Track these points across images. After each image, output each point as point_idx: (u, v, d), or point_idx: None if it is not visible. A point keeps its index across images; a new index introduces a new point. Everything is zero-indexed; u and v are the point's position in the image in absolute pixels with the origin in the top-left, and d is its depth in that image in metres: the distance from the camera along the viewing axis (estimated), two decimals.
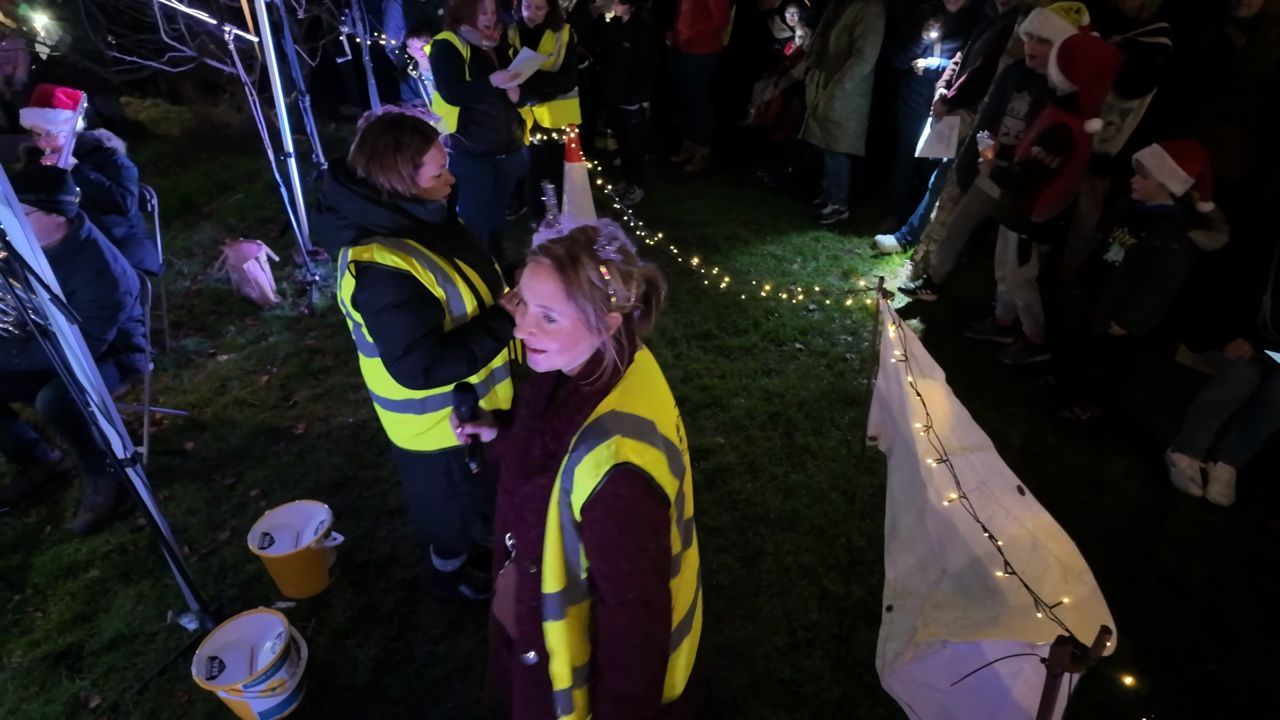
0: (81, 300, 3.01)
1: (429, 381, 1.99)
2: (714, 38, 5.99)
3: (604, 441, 1.28)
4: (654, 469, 1.31)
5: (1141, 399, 3.71)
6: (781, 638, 2.59)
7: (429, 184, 1.98)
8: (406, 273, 1.92)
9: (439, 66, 3.97)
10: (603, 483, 1.27)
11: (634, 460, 1.28)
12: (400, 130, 1.92)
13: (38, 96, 3.62)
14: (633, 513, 1.30)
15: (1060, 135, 3.37)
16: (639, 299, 1.36)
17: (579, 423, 1.33)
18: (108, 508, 3.14)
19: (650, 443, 1.32)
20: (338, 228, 1.96)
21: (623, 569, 1.33)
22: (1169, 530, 3.05)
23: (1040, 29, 3.53)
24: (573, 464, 1.31)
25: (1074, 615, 1.46)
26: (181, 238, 5.41)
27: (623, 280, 1.31)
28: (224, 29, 4.33)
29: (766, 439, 3.46)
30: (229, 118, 7.31)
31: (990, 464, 1.88)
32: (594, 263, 1.28)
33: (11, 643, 2.66)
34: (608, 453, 1.28)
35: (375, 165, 1.92)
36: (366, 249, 1.92)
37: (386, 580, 2.84)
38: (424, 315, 1.95)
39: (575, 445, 1.32)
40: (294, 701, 2.41)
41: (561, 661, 1.41)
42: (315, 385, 3.93)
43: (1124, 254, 3.20)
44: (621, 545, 1.31)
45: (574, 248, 1.29)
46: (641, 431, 1.32)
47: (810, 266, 5.01)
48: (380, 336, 1.97)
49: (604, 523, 1.30)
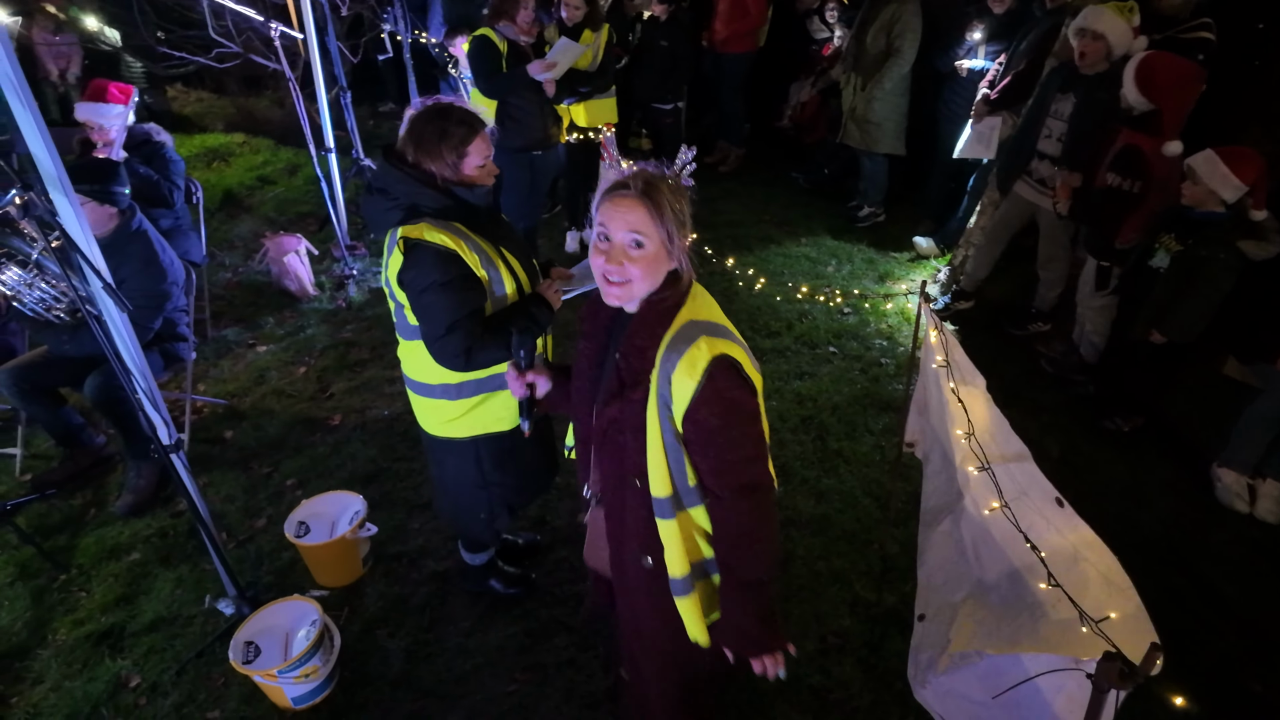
0: (130, 289, 3.09)
1: (469, 363, 2.02)
2: (750, 37, 5.96)
3: (692, 344, 1.40)
4: (742, 359, 1.44)
5: (1185, 410, 3.62)
6: (811, 643, 2.57)
7: (473, 173, 2.02)
8: (453, 252, 1.95)
9: (476, 60, 4.01)
10: (703, 381, 1.38)
11: (725, 352, 1.41)
12: (446, 119, 1.96)
13: (91, 91, 3.71)
14: (734, 404, 1.42)
15: (1133, 158, 3.24)
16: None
17: (660, 336, 1.44)
18: (150, 492, 3.21)
19: (731, 339, 1.45)
20: (386, 209, 2.00)
21: (730, 459, 1.45)
22: (1212, 546, 2.97)
23: (1093, 24, 3.41)
24: (666, 373, 1.42)
25: (1119, 631, 1.43)
26: (223, 230, 5.52)
27: (689, 205, 1.46)
28: (270, 25, 4.41)
29: (798, 442, 3.44)
30: (272, 112, 7.44)
31: (1030, 474, 1.84)
32: (670, 191, 1.42)
33: (57, 621, 2.73)
34: (699, 352, 1.39)
35: (421, 153, 1.96)
36: (416, 228, 1.96)
37: (418, 572, 2.87)
38: (468, 295, 1.99)
39: (663, 358, 1.43)
40: (326, 689, 2.44)
41: (677, 554, 1.55)
42: (351, 377, 3.99)
43: (1169, 261, 3.12)
44: (729, 438, 1.43)
45: (652, 179, 1.42)
46: (722, 331, 1.45)
47: (845, 269, 4.96)
48: (424, 315, 2.01)
49: (709, 420, 1.41)
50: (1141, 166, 3.23)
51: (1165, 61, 3.23)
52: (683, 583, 1.58)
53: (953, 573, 2.04)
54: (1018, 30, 4.30)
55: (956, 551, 2.03)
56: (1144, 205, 3.29)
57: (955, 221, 4.96)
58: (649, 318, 1.47)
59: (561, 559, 2.90)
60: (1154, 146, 3.21)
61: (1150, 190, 3.26)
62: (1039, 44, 4.06)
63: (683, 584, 1.58)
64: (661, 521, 1.54)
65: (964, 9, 4.70)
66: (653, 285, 1.47)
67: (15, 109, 1.94)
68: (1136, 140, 3.25)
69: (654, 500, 1.53)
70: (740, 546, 1.51)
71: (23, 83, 1.93)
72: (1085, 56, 3.49)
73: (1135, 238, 3.37)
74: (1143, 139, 3.24)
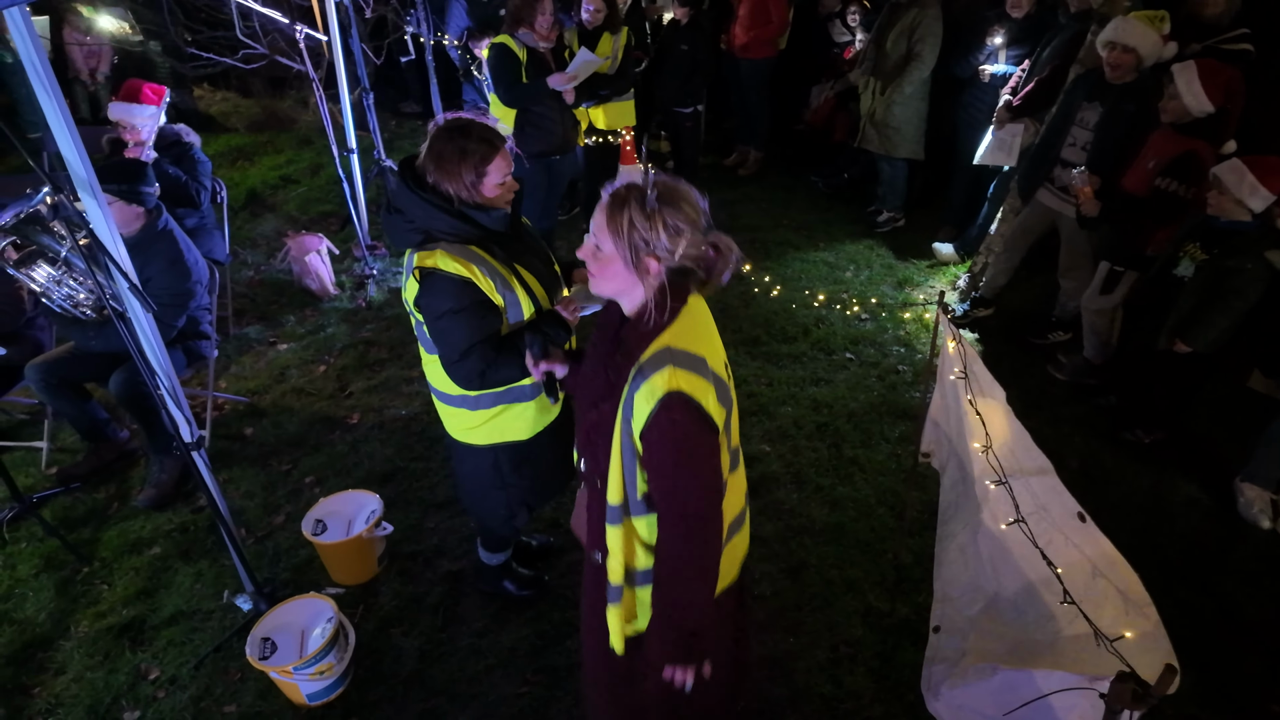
0: (155, 288, 3.14)
1: (484, 383, 2.05)
2: (771, 43, 5.94)
3: (657, 371, 1.45)
4: (702, 397, 1.46)
5: (1209, 424, 3.57)
6: (823, 652, 2.56)
7: (493, 192, 2.01)
8: (468, 280, 1.96)
9: (496, 70, 4.03)
10: (657, 408, 1.43)
11: (684, 388, 1.44)
12: (466, 138, 1.95)
13: (125, 91, 3.77)
14: (685, 435, 1.45)
15: (1190, 163, 3.18)
16: (690, 258, 1.48)
17: (636, 357, 1.49)
18: (171, 487, 3.27)
19: (699, 374, 1.47)
20: (405, 230, 2.01)
21: (678, 487, 1.49)
22: (1234, 563, 2.92)
23: (1124, 37, 3.37)
24: (631, 393, 1.48)
25: (1135, 649, 1.42)
26: (246, 228, 5.60)
27: (666, 232, 1.44)
28: (295, 27, 4.46)
29: (813, 449, 3.42)
30: (295, 112, 7.53)
31: (1051, 488, 1.83)
32: (640, 209, 1.43)
33: (79, 613, 2.79)
34: (661, 381, 1.44)
35: (441, 172, 1.96)
36: (431, 255, 1.97)
37: (433, 572, 2.90)
38: (482, 321, 2.00)
39: (633, 377, 1.48)
40: (340, 686, 2.47)
41: (616, 560, 1.64)
42: (370, 377, 4.03)
43: (1193, 270, 3.08)
44: (677, 465, 1.48)
45: (630, 192, 1.45)
46: (691, 364, 1.47)
47: (863, 275, 4.93)
48: (440, 340, 2.03)
49: (660, 445, 1.47)
50: (1200, 172, 3.16)
51: (1230, 70, 3.18)
52: (616, 590, 1.67)
53: (969, 586, 2.03)
54: (1039, 36, 4.25)
55: (973, 565, 2.02)
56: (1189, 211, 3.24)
57: (975, 228, 4.92)
58: (630, 337, 1.53)
59: (575, 562, 2.91)
60: (1209, 153, 3.16)
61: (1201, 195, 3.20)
62: (1063, 50, 4.01)
63: (616, 591, 1.67)
64: (609, 526, 1.63)
65: (984, 14, 4.66)
66: (619, 292, 1.53)
67: (46, 108, 1.98)
68: (1194, 146, 3.19)
69: (607, 506, 1.61)
70: (674, 566, 1.56)
71: (53, 82, 1.96)
72: (1116, 69, 3.45)
73: (1166, 246, 3.33)
74: (1199, 144, 3.18)
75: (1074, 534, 1.74)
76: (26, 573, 2.95)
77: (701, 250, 1.49)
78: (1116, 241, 3.52)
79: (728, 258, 1.52)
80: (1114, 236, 3.53)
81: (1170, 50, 3.39)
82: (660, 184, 1.46)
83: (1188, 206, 3.21)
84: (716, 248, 1.51)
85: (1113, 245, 3.56)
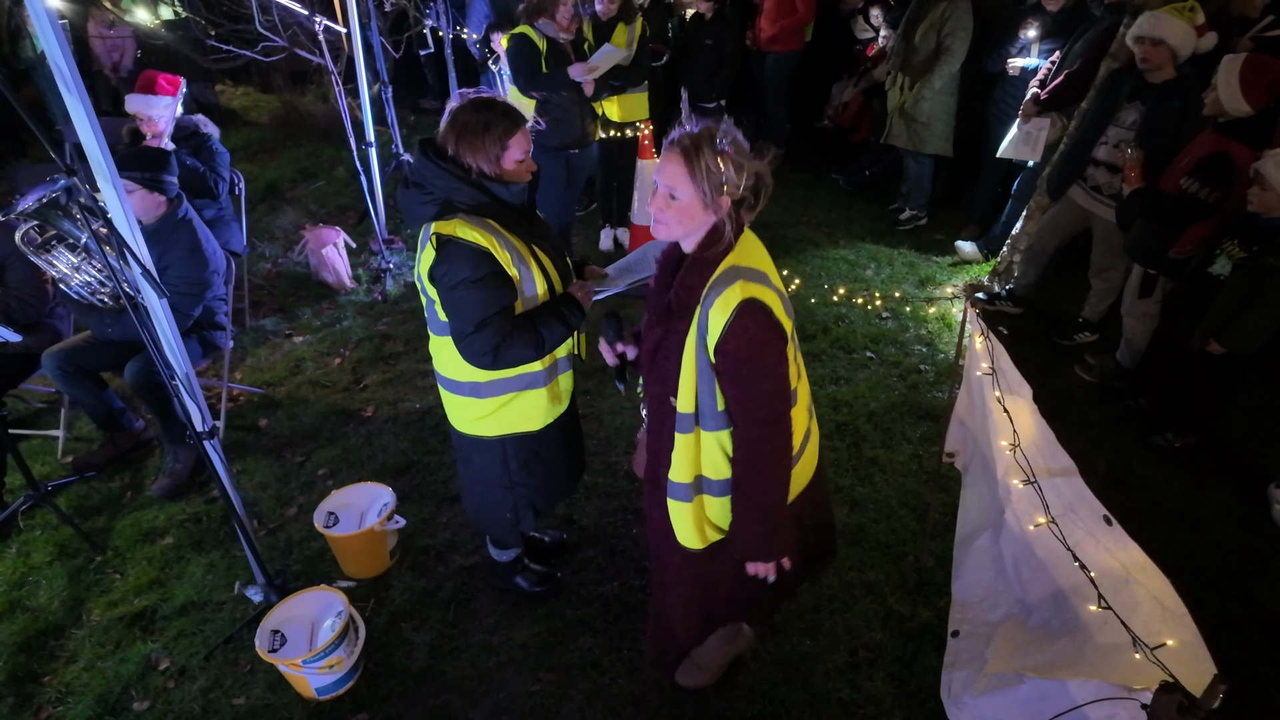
0: (173, 276, 3.14)
1: (497, 361, 2.00)
2: (797, 34, 5.88)
3: (729, 286, 1.60)
4: (772, 303, 1.62)
5: (1244, 429, 3.46)
6: (842, 656, 2.50)
7: (513, 167, 2.00)
8: (485, 250, 1.93)
9: (516, 60, 4.00)
10: (732, 317, 1.58)
11: (756, 295, 1.60)
12: (490, 111, 1.95)
13: (142, 83, 3.79)
14: (759, 342, 1.61)
15: (1220, 166, 3.03)
16: (748, 189, 1.62)
17: (706, 277, 1.64)
18: (185, 476, 3.26)
19: (766, 285, 1.64)
20: (422, 203, 1.98)
21: (752, 391, 1.64)
22: (1271, 572, 2.82)
23: (1153, 30, 3.27)
24: (706, 309, 1.62)
25: (1174, 659, 1.35)
26: (265, 221, 5.61)
27: (735, 169, 1.58)
28: (314, 19, 4.46)
29: (833, 449, 3.35)
30: (315, 107, 7.55)
31: (1077, 490, 1.76)
32: (713, 153, 1.56)
33: (92, 601, 2.78)
34: (734, 294, 1.59)
35: (464, 144, 1.94)
36: (450, 224, 1.94)
37: (445, 566, 2.86)
38: (498, 293, 1.96)
39: (706, 295, 1.63)
40: (350, 680, 2.44)
41: (682, 463, 1.79)
42: (385, 370, 4.01)
43: (1231, 268, 2.98)
44: (752, 370, 1.62)
45: (699, 140, 1.57)
46: (758, 278, 1.63)
47: (885, 273, 4.85)
48: (454, 311, 1.99)
49: (735, 353, 1.61)
50: (1229, 176, 3.02)
51: (1269, 63, 3.00)
52: (682, 488, 1.81)
53: (990, 590, 1.96)
54: (1073, 29, 4.15)
55: (995, 568, 1.95)
56: (1214, 217, 3.11)
57: (999, 226, 4.82)
58: (698, 262, 1.66)
59: (589, 559, 2.86)
60: (1245, 157, 2.97)
61: (1227, 201, 3.06)
62: (1096, 43, 3.91)
63: (682, 489, 1.81)
64: (679, 435, 1.76)
65: (1017, 7, 4.56)
66: (689, 233, 1.67)
67: (67, 99, 1.97)
68: (1228, 147, 3.04)
69: (678, 415, 1.74)
70: (753, 470, 1.72)
71: (75, 74, 1.95)
72: (1148, 62, 3.34)
73: (1191, 249, 3.22)
74: (1235, 146, 3.03)
75: (1102, 537, 1.66)
76: (40, 560, 2.95)
77: (755, 180, 1.63)
78: (1145, 240, 3.42)
79: (769, 184, 1.67)
80: (1143, 236, 3.42)
81: (1209, 41, 3.28)
82: (715, 129, 1.60)
83: (1210, 211, 3.07)
84: (759, 175, 1.64)
85: (1141, 244, 3.45)
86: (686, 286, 1.67)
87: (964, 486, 2.31)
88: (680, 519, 1.86)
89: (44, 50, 1.91)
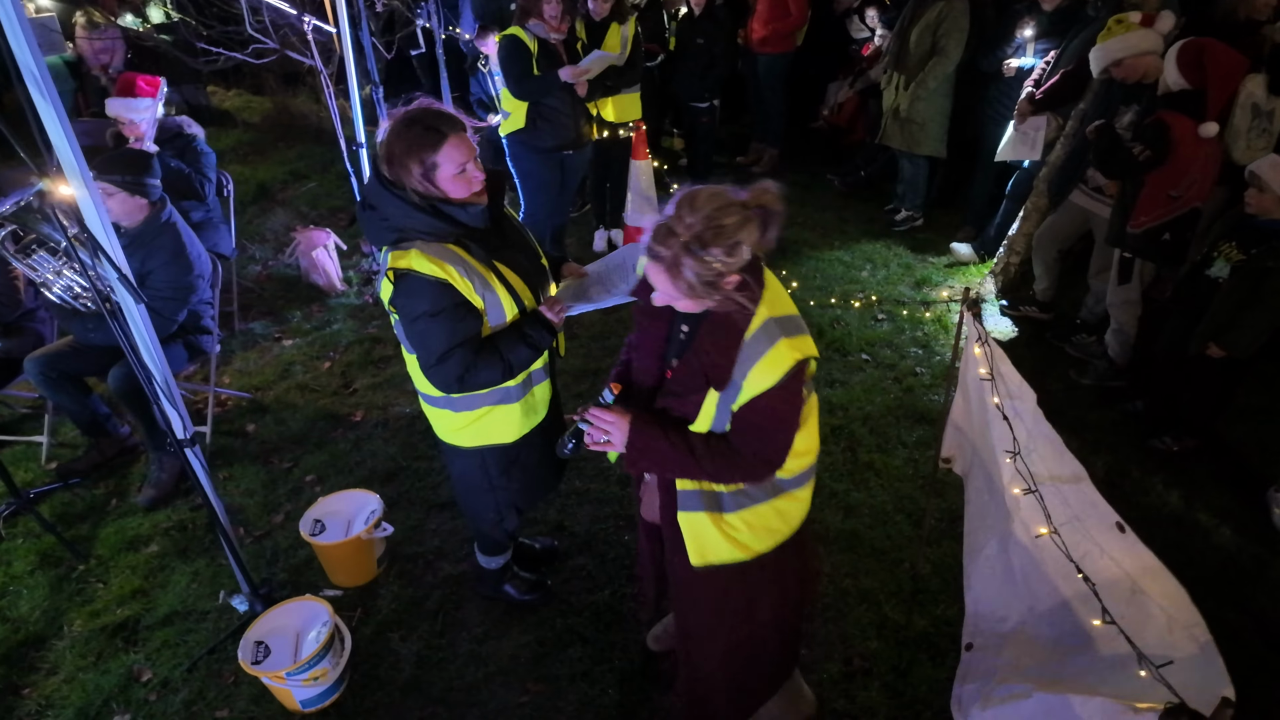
0: (157, 281, 3.08)
1: (463, 387, 1.95)
2: (789, 37, 5.84)
3: (773, 345, 1.48)
4: (813, 350, 1.54)
5: (1243, 433, 3.42)
6: (836, 665, 2.45)
7: (451, 185, 1.86)
8: (444, 282, 1.85)
9: (507, 62, 3.95)
10: (782, 380, 1.48)
11: (805, 352, 1.51)
12: (412, 129, 1.81)
13: (121, 86, 3.74)
14: (791, 401, 1.53)
15: (1155, 131, 3.15)
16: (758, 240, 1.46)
17: (739, 338, 1.50)
18: (171, 484, 3.20)
19: (803, 332, 1.54)
20: (380, 227, 1.91)
21: (767, 440, 1.57)
22: (1270, 578, 2.78)
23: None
24: (743, 370, 1.50)
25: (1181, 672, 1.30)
26: (256, 223, 5.55)
27: (727, 253, 1.42)
28: (303, 19, 4.41)
29: (827, 453, 3.31)
30: (307, 108, 7.50)
31: (1086, 497, 1.72)
32: (696, 260, 1.41)
33: (73, 611, 2.73)
34: (781, 355, 1.48)
35: (395, 169, 1.84)
36: (405, 255, 1.86)
37: (433, 574, 2.81)
38: (460, 324, 1.90)
39: (743, 353, 1.50)
40: (335, 692, 2.39)
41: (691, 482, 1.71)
42: (375, 374, 3.96)
43: (1229, 271, 2.94)
44: (777, 424, 1.55)
45: (678, 254, 1.41)
46: (796, 327, 1.53)
47: (880, 274, 4.81)
48: (416, 342, 1.94)
49: (767, 410, 1.52)
50: (1162, 141, 3.14)
51: (1216, 46, 3.13)
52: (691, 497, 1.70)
53: (1000, 600, 1.92)
54: (1069, 28, 4.11)
55: (1005, 578, 1.91)
56: (1152, 184, 3.22)
57: (994, 227, 4.78)
58: (724, 324, 1.52)
59: (579, 567, 2.82)
60: (1185, 127, 3.12)
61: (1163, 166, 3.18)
62: (1091, 43, 3.87)
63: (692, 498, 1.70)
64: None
65: (1012, 7, 4.52)
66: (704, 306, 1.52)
67: (36, 99, 1.92)
68: (1168, 118, 3.17)
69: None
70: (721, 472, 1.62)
71: (45, 73, 1.90)
72: (1129, 78, 3.43)
73: (1147, 222, 3.28)
74: (1175, 117, 3.15)
75: (1111, 546, 1.62)
76: (22, 570, 2.89)
77: (756, 233, 1.46)
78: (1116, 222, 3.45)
79: (776, 209, 1.47)
80: (1114, 218, 3.46)
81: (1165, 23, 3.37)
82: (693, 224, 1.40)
83: (1138, 168, 3.21)
84: (765, 209, 1.46)
85: (1111, 225, 3.49)
86: (720, 351, 1.52)
87: (967, 496, 2.27)
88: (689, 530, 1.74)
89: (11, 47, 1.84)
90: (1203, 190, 3.21)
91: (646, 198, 4.70)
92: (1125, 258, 3.46)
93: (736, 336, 1.51)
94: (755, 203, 1.45)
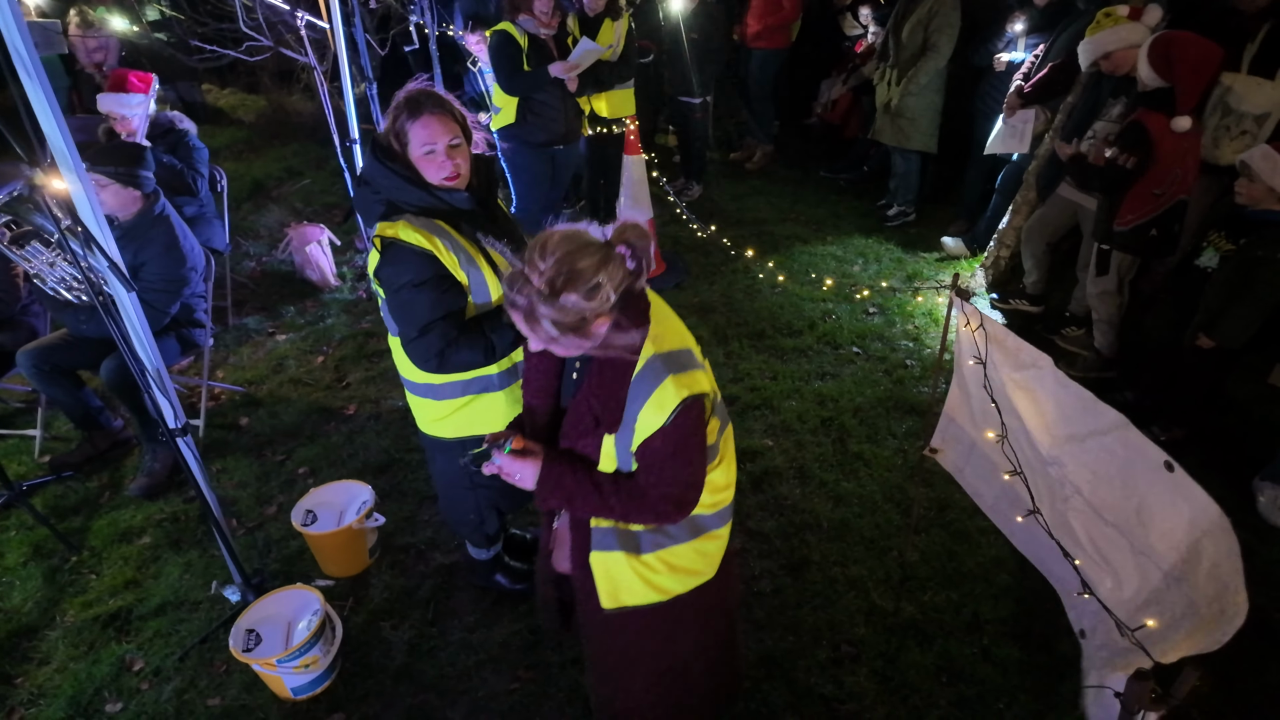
0: (150, 273, 3.10)
1: (443, 365, 1.96)
2: (783, 32, 5.86)
3: (659, 384, 1.42)
4: (704, 386, 1.47)
5: (1231, 422, 3.44)
6: (824, 651, 2.47)
7: (418, 160, 1.91)
8: (429, 252, 1.89)
9: (497, 57, 3.96)
10: (670, 419, 1.42)
11: (692, 390, 1.43)
12: (402, 99, 1.91)
13: (113, 82, 3.74)
14: (687, 438, 1.47)
15: (1135, 133, 3.17)
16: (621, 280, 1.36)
17: (626, 379, 1.44)
18: (164, 476, 3.22)
19: (695, 367, 1.48)
20: (372, 202, 1.96)
21: (667, 476, 1.49)
22: (1257, 566, 2.80)
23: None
24: (633, 415, 1.44)
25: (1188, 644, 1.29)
26: (250, 219, 5.56)
27: (587, 300, 1.33)
28: (296, 15, 4.41)
29: (818, 444, 3.33)
30: (302, 105, 7.51)
31: (1130, 443, 1.66)
32: (552, 309, 1.33)
33: (66, 602, 2.74)
34: (668, 393, 1.42)
35: (386, 135, 1.93)
36: (393, 225, 1.91)
37: (425, 564, 2.83)
38: (443, 297, 1.92)
39: (631, 393, 1.44)
40: (327, 679, 2.40)
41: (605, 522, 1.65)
42: (369, 368, 3.97)
43: (1219, 261, 2.97)
44: (677, 461, 1.48)
45: (532, 301, 1.34)
46: (685, 361, 1.47)
47: (872, 269, 4.83)
48: (399, 314, 1.95)
49: (663, 449, 1.46)
50: (1143, 142, 3.16)
51: (1183, 39, 3.15)
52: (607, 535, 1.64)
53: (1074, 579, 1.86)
54: (1059, 22, 4.14)
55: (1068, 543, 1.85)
56: (1142, 184, 3.23)
57: (984, 221, 4.81)
58: (610, 365, 1.46)
59: None
60: (1162, 124, 3.15)
61: (1150, 168, 3.19)
62: (1080, 36, 3.89)
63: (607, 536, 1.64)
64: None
65: (1003, 2, 4.55)
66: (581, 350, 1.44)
67: (30, 91, 1.93)
68: (1144, 117, 3.19)
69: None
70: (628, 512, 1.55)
71: (38, 66, 1.91)
72: (1117, 70, 3.45)
73: (1133, 220, 3.30)
74: (1150, 116, 3.17)
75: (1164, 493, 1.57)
76: (15, 561, 2.90)
77: (625, 266, 1.37)
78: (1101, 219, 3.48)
79: (646, 241, 1.39)
80: (1101, 216, 3.49)
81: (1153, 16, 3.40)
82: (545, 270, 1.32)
83: (1130, 177, 3.21)
84: (629, 245, 1.37)
85: (1098, 222, 3.51)
86: (608, 393, 1.46)
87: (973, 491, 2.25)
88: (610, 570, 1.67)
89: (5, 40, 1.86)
90: (1186, 183, 3.24)
91: (639, 193, 4.72)
92: (1103, 249, 3.49)
93: (625, 377, 1.44)
94: (617, 240, 1.37)
